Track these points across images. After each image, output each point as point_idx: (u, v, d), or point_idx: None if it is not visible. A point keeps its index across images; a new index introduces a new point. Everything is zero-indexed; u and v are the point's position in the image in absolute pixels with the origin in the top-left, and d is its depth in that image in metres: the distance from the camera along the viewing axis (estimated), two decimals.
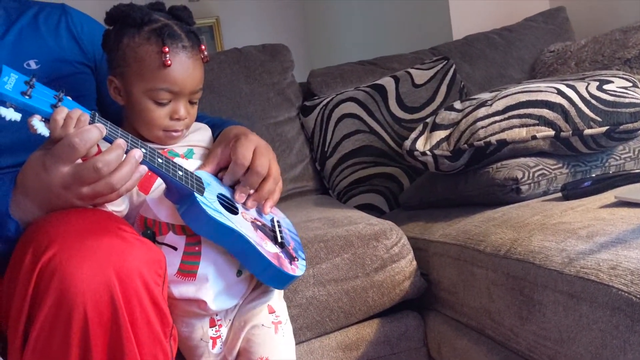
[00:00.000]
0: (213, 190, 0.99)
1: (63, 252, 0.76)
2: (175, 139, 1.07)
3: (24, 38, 1.12)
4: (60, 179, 0.81)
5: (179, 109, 1.03)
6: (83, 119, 0.83)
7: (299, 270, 1.05)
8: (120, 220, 0.87)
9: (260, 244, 0.98)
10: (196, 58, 1.04)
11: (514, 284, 1.11)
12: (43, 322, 0.76)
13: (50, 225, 0.81)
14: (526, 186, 1.37)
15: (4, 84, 0.80)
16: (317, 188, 2.08)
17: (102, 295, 0.76)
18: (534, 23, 2.44)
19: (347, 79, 2.18)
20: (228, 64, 2.07)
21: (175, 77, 1.01)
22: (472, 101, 1.56)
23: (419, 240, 1.47)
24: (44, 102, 0.83)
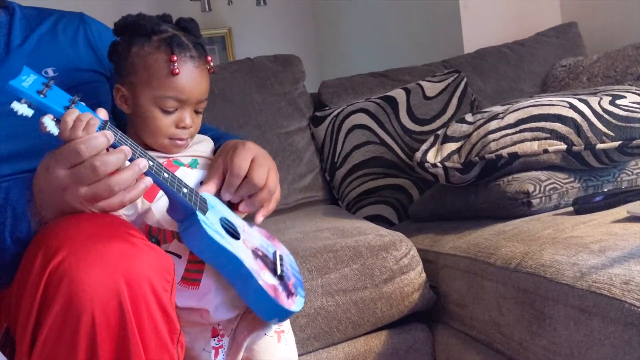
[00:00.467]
0: (217, 213, 0.98)
1: (73, 256, 0.76)
2: (180, 148, 1.07)
3: (42, 46, 1.13)
4: (58, 180, 0.82)
5: (185, 117, 1.04)
6: (93, 123, 0.83)
7: (295, 306, 1.02)
8: (129, 225, 0.87)
9: (258, 272, 0.97)
10: (203, 68, 1.06)
11: (525, 298, 1.10)
12: (51, 325, 0.76)
13: (60, 229, 0.81)
14: (537, 200, 1.37)
15: (22, 81, 0.82)
16: (326, 198, 2.08)
17: (110, 300, 0.76)
18: (546, 38, 2.44)
19: (358, 90, 2.18)
20: (240, 73, 2.08)
21: (183, 86, 1.02)
22: (484, 114, 1.56)
23: (428, 252, 1.47)
24: (58, 102, 0.84)
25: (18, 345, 0.81)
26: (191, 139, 1.08)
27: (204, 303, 0.98)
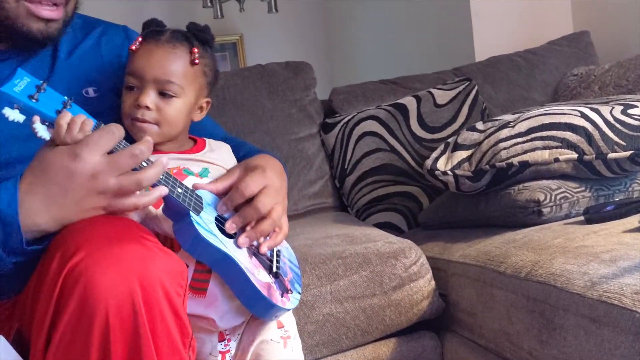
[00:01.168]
0: (212, 212, 0.98)
1: (89, 258, 0.76)
2: (141, 132, 1.04)
3: (86, 63, 1.12)
4: (93, 165, 0.81)
5: (141, 95, 1.03)
6: (87, 123, 0.84)
7: (290, 304, 1.02)
8: (144, 229, 0.87)
9: (252, 271, 0.97)
10: (169, 50, 1.06)
11: (535, 307, 1.10)
12: (66, 325, 0.76)
13: (78, 231, 0.81)
14: (548, 209, 1.36)
15: (14, 86, 0.82)
16: (335, 205, 2.08)
17: (124, 302, 0.76)
18: (558, 46, 2.43)
19: (369, 98, 2.18)
20: (252, 79, 2.09)
21: (136, 61, 1.05)
22: (495, 122, 1.56)
23: (438, 260, 1.47)
24: (50, 106, 0.84)
25: (33, 344, 0.81)
26: (160, 127, 1.05)
27: (211, 312, 0.98)
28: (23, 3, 0.95)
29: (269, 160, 1.11)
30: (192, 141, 1.15)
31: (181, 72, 1.06)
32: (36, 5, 0.96)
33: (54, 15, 0.99)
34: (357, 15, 3.70)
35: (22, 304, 0.91)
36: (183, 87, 1.06)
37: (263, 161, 1.08)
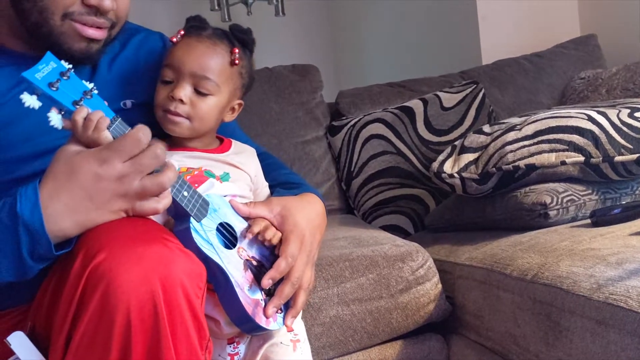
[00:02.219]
0: (216, 218, 0.97)
1: (112, 258, 0.77)
2: (174, 125, 1.04)
3: (125, 74, 1.11)
4: (119, 170, 0.81)
5: (176, 87, 1.03)
6: (102, 121, 0.84)
7: (274, 324, 0.99)
8: (165, 230, 0.88)
9: (243, 286, 0.95)
10: (210, 46, 1.05)
11: (541, 309, 1.10)
12: (87, 324, 0.77)
13: (101, 231, 0.82)
14: (554, 211, 1.36)
15: (36, 72, 0.81)
16: (342, 207, 2.08)
17: (146, 302, 0.77)
18: (565, 50, 2.43)
19: (376, 100, 2.19)
20: (259, 82, 2.09)
21: (176, 53, 1.05)
22: (501, 125, 1.56)
23: (444, 263, 1.47)
24: (68, 96, 0.84)
25: (53, 343, 0.82)
26: (192, 122, 1.05)
27: (217, 313, 0.98)
28: (69, 22, 0.95)
29: (311, 207, 1.10)
30: (219, 141, 1.15)
31: (219, 70, 1.05)
32: (82, 25, 0.96)
33: (97, 36, 0.98)
34: (364, 18, 3.70)
35: (38, 302, 0.92)
36: (219, 85, 1.05)
37: (303, 213, 1.06)
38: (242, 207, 1.02)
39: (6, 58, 1.00)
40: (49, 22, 0.95)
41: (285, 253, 1.00)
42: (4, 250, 0.82)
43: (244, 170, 1.11)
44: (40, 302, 0.91)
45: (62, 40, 0.97)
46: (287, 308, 1.03)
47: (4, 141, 0.96)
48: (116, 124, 0.86)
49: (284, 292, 1.00)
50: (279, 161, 1.27)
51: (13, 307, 0.99)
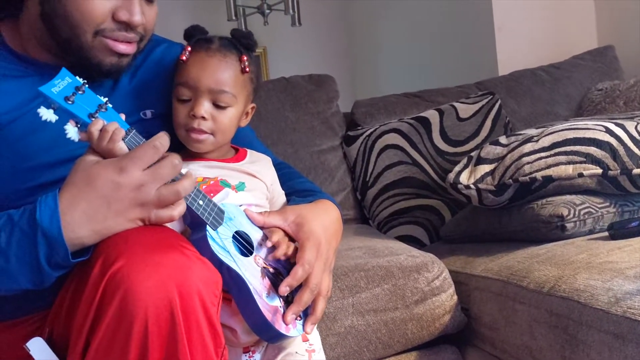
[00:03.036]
0: (231, 226, 0.98)
1: (130, 265, 0.78)
2: (199, 143, 1.06)
3: (146, 85, 1.13)
4: (138, 177, 0.83)
5: (196, 105, 1.04)
6: (118, 133, 0.85)
7: (294, 331, 0.99)
8: (183, 238, 0.89)
9: (261, 293, 0.95)
10: (221, 59, 1.06)
11: (558, 322, 1.09)
12: (105, 330, 0.78)
13: (119, 238, 0.83)
14: (571, 224, 1.36)
15: (52, 86, 0.83)
16: (357, 217, 2.08)
17: (163, 309, 0.77)
18: (582, 61, 2.42)
19: (391, 111, 2.19)
20: (275, 92, 2.11)
21: (190, 71, 1.04)
22: (518, 136, 1.56)
23: (460, 274, 1.46)
24: (84, 109, 0.86)
25: (71, 348, 0.83)
26: (215, 136, 1.06)
27: (234, 322, 0.99)
28: (100, 38, 0.96)
29: (326, 214, 1.09)
30: (234, 150, 1.16)
31: (233, 81, 1.06)
32: (113, 41, 0.97)
33: (128, 50, 1.00)
34: (380, 28, 3.71)
35: (57, 308, 0.93)
36: (235, 95, 1.06)
37: (319, 221, 1.06)
38: (256, 216, 1.03)
39: (31, 68, 1.02)
40: (80, 39, 0.96)
41: (302, 260, 1.00)
42: (22, 257, 0.83)
43: (260, 179, 1.12)
44: (59, 308, 0.92)
45: (92, 55, 0.98)
46: (305, 315, 1.03)
47: (24, 150, 0.97)
48: (131, 136, 0.87)
49: (302, 299, 0.99)
50: (295, 170, 1.28)
51: (31, 314, 1.00)
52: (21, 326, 1.00)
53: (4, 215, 0.86)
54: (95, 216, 0.83)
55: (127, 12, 0.96)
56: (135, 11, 0.97)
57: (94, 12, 0.95)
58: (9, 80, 0.99)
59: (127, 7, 0.96)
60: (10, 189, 0.96)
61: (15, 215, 0.85)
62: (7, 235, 0.83)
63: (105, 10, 0.95)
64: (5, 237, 0.83)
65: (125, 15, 0.96)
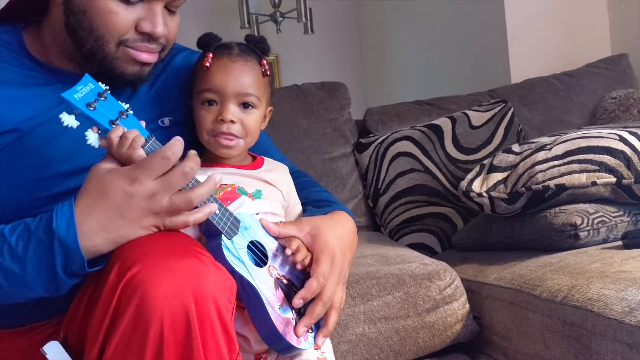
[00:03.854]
0: (247, 236, 0.97)
1: (146, 270, 0.79)
2: (228, 149, 1.06)
3: (165, 93, 1.13)
4: (149, 188, 0.83)
5: (223, 110, 1.05)
6: (137, 140, 0.86)
7: (305, 344, 0.98)
8: (198, 244, 0.89)
9: (273, 304, 0.95)
10: (243, 64, 1.07)
11: (571, 332, 1.09)
12: (121, 335, 0.78)
13: (135, 244, 0.84)
14: (585, 233, 1.35)
15: (75, 92, 0.84)
16: (368, 225, 2.08)
17: (179, 315, 0.78)
18: (595, 69, 2.41)
19: (404, 118, 2.19)
20: (287, 99, 2.11)
21: (214, 77, 1.05)
22: (531, 144, 1.55)
23: (472, 283, 1.46)
24: (105, 116, 0.86)
25: (86, 353, 0.83)
26: (243, 139, 1.07)
27: (247, 331, 0.99)
28: (123, 48, 0.98)
29: (342, 226, 1.09)
30: (251, 157, 1.16)
31: (257, 84, 1.07)
32: (136, 51, 0.98)
33: (150, 60, 1.01)
34: (392, 36, 3.72)
35: (72, 314, 0.93)
36: (259, 97, 1.08)
37: (334, 233, 1.05)
38: (272, 226, 1.03)
39: (52, 75, 1.03)
40: (104, 49, 0.97)
41: (316, 273, 0.99)
42: (38, 265, 0.84)
43: (277, 187, 1.12)
44: (74, 313, 0.93)
45: (115, 65, 0.99)
46: (317, 327, 1.03)
47: (44, 158, 0.98)
48: (150, 143, 0.88)
49: (315, 312, 0.99)
50: (311, 179, 1.27)
51: (46, 320, 1.00)
52: (36, 331, 1.00)
53: (20, 224, 0.87)
54: (110, 225, 0.84)
55: (150, 23, 0.97)
56: (158, 22, 0.98)
57: (118, 23, 0.96)
58: (30, 87, 1.00)
59: (150, 19, 0.97)
60: (31, 197, 0.97)
61: (32, 224, 0.85)
62: (24, 243, 0.84)
63: (129, 21, 0.96)
64: (23, 245, 0.84)
65: (148, 27, 0.97)
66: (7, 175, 0.96)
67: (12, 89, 0.98)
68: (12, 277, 0.85)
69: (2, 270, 0.84)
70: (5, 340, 1.01)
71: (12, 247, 0.84)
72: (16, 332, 1.01)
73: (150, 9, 0.97)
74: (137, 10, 0.97)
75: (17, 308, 0.91)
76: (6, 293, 0.86)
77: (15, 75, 1.00)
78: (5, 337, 1.01)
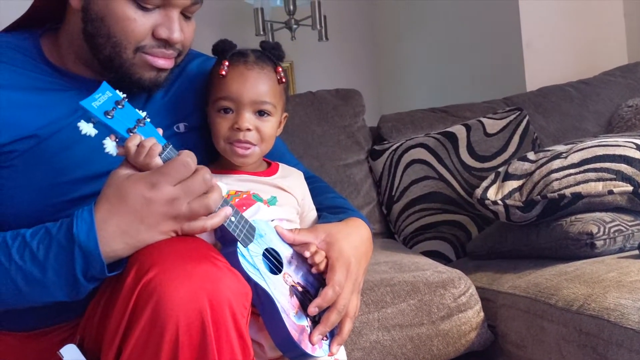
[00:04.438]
0: (262, 243, 0.98)
1: (163, 274, 0.79)
2: (243, 157, 1.07)
3: (180, 99, 1.14)
4: (169, 193, 0.84)
5: (239, 118, 1.05)
6: (155, 148, 0.86)
7: (320, 351, 0.98)
8: (214, 249, 0.89)
9: (289, 312, 0.95)
10: (259, 72, 1.07)
11: (587, 341, 1.08)
12: (137, 338, 0.79)
13: (153, 248, 0.85)
14: (601, 242, 1.34)
15: (93, 100, 0.85)
16: (382, 232, 2.08)
17: (194, 319, 0.79)
18: (612, 77, 2.40)
19: (418, 125, 2.19)
20: (302, 106, 2.12)
21: (230, 85, 1.05)
22: (547, 152, 1.54)
23: (486, 291, 1.45)
24: (123, 124, 0.87)
25: (104, 355, 0.84)
26: (259, 146, 1.08)
27: (261, 337, 0.99)
28: (140, 54, 0.98)
29: (357, 234, 1.08)
30: (266, 164, 1.16)
31: (272, 92, 1.08)
32: (153, 57, 0.99)
33: (167, 65, 1.02)
34: (407, 43, 3.72)
35: (89, 316, 0.94)
36: (275, 105, 1.08)
37: (349, 240, 1.05)
38: (287, 233, 1.03)
39: (69, 82, 1.04)
40: (121, 56, 0.98)
41: (332, 281, 0.99)
42: (59, 270, 0.85)
43: (291, 194, 1.12)
44: (91, 316, 0.93)
45: (133, 71, 1.00)
46: (332, 335, 1.03)
47: (62, 164, 0.99)
48: (167, 151, 0.88)
49: (330, 320, 0.99)
50: (326, 184, 1.28)
51: (63, 323, 1.01)
52: (53, 334, 1.01)
53: (41, 229, 0.88)
54: (129, 230, 0.85)
55: (167, 29, 0.98)
56: (174, 28, 0.98)
57: (135, 30, 0.97)
58: (47, 93, 1.01)
59: (167, 25, 0.98)
60: (48, 202, 0.98)
61: (53, 229, 0.86)
62: (45, 248, 0.85)
63: (146, 28, 0.97)
64: (44, 250, 0.85)
65: (165, 33, 0.98)
66: (25, 181, 0.97)
67: (29, 95, 0.99)
68: (32, 282, 0.86)
69: (23, 275, 0.85)
70: (23, 342, 1.02)
71: (33, 251, 0.86)
72: (34, 335, 1.01)
73: (167, 15, 0.98)
74: (154, 17, 0.98)
75: (35, 311, 0.92)
76: (26, 297, 0.87)
77: (33, 81, 1.01)
78: (23, 340, 1.02)
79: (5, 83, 0.98)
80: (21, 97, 0.98)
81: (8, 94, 0.97)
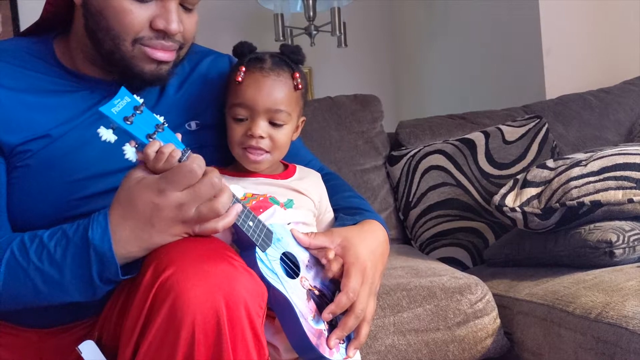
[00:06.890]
0: (280, 248, 0.98)
1: (180, 273, 0.81)
2: (257, 163, 1.07)
3: (192, 96, 1.15)
4: (176, 199, 0.85)
5: (253, 125, 1.05)
6: (174, 154, 0.87)
7: (337, 355, 0.99)
8: (230, 249, 0.90)
9: (306, 316, 0.96)
10: (275, 79, 1.07)
11: (605, 349, 1.07)
12: (154, 336, 0.80)
13: (171, 247, 0.86)
14: (620, 250, 1.33)
15: (112, 106, 0.85)
16: (399, 237, 2.08)
17: (210, 318, 0.79)
18: (633, 86, 2.38)
19: (436, 132, 2.19)
20: (320, 111, 2.13)
21: (246, 93, 1.05)
22: (566, 160, 1.54)
23: (503, 298, 1.44)
24: (142, 130, 0.87)
25: (120, 352, 0.85)
26: (272, 154, 1.08)
27: (277, 340, 0.99)
28: (139, 46, 1.00)
29: (373, 237, 1.08)
30: (283, 166, 1.17)
31: (288, 99, 1.08)
32: (152, 49, 1.00)
33: (166, 58, 1.02)
34: (426, 49, 3.72)
35: (108, 313, 0.95)
36: (290, 113, 1.08)
37: (365, 244, 1.05)
38: (303, 237, 1.03)
39: (80, 82, 1.05)
40: (120, 48, 1.00)
41: (346, 288, 0.99)
42: (76, 271, 0.87)
43: (308, 196, 1.12)
44: (109, 314, 0.94)
45: (133, 64, 1.01)
46: (349, 338, 1.03)
47: (75, 162, 1.01)
48: (186, 157, 0.88)
49: (347, 324, 0.99)
50: (342, 182, 1.27)
51: (81, 320, 1.02)
52: (72, 331, 1.03)
53: (58, 230, 0.89)
54: (142, 235, 0.87)
55: (164, 20, 0.99)
56: (172, 19, 0.99)
57: (132, 21, 0.98)
58: (59, 95, 1.03)
59: (164, 16, 0.99)
60: (62, 200, 0.99)
61: (70, 231, 0.88)
62: (62, 249, 0.87)
63: (143, 19, 0.98)
64: (61, 251, 0.87)
65: (162, 24, 0.99)
66: (40, 179, 0.99)
67: (42, 96, 1.02)
68: (50, 282, 0.87)
69: (41, 276, 0.87)
70: (42, 339, 1.03)
71: (51, 253, 0.87)
72: (53, 332, 1.03)
73: (164, 6, 0.99)
74: (151, 8, 0.99)
75: (54, 309, 0.93)
76: (44, 297, 0.89)
77: (46, 83, 1.03)
78: (43, 336, 1.03)
79: (19, 86, 1.00)
80: (34, 99, 1.01)
81: (22, 97, 1.00)
